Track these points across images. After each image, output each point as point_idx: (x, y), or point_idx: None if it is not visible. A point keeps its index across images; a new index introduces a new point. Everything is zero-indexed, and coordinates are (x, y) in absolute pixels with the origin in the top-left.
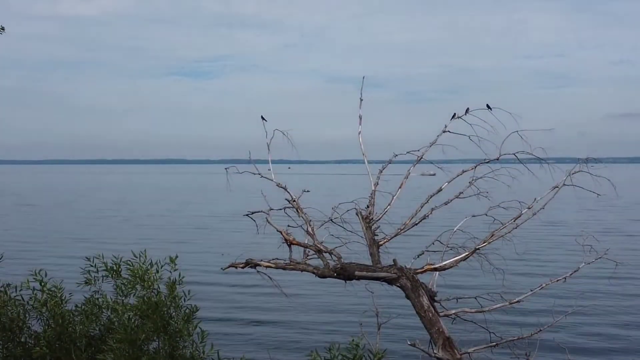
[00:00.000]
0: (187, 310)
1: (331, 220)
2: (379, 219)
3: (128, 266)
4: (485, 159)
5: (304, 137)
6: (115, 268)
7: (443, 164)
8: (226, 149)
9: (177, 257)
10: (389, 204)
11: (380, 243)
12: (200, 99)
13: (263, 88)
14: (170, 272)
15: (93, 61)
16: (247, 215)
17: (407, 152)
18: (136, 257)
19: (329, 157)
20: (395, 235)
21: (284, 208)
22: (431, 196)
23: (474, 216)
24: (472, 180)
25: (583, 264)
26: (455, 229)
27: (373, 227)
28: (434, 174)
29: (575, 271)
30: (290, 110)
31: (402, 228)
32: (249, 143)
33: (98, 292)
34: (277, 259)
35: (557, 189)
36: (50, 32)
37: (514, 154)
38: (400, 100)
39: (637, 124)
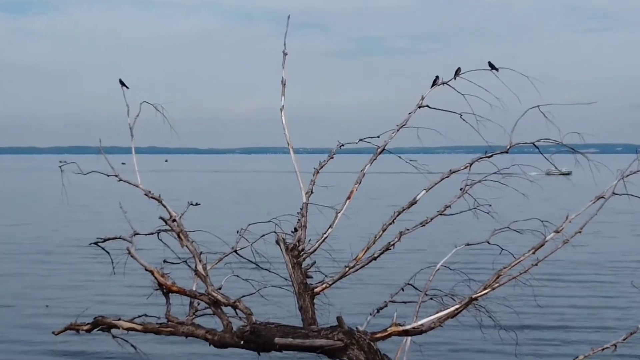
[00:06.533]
0: None
1: (235, 252)
2: (314, 250)
3: None
4: (486, 152)
5: (193, 111)
6: None
7: (419, 154)
8: (64, 130)
9: None
10: (330, 226)
11: (316, 290)
12: (25, 49)
13: (129, 31)
14: None
15: None
16: (95, 243)
17: (361, 140)
18: None
19: (233, 143)
20: (340, 277)
21: (158, 232)
22: (399, 213)
23: (468, 245)
24: (466, 185)
25: None
26: (438, 266)
27: (304, 264)
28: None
29: (632, 333)
30: (172, 67)
31: (351, 265)
32: (100, 122)
33: None
34: (146, 315)
35: (602, 199)
36: None
37: (532, 143)
38: (349, 51)
39: None
